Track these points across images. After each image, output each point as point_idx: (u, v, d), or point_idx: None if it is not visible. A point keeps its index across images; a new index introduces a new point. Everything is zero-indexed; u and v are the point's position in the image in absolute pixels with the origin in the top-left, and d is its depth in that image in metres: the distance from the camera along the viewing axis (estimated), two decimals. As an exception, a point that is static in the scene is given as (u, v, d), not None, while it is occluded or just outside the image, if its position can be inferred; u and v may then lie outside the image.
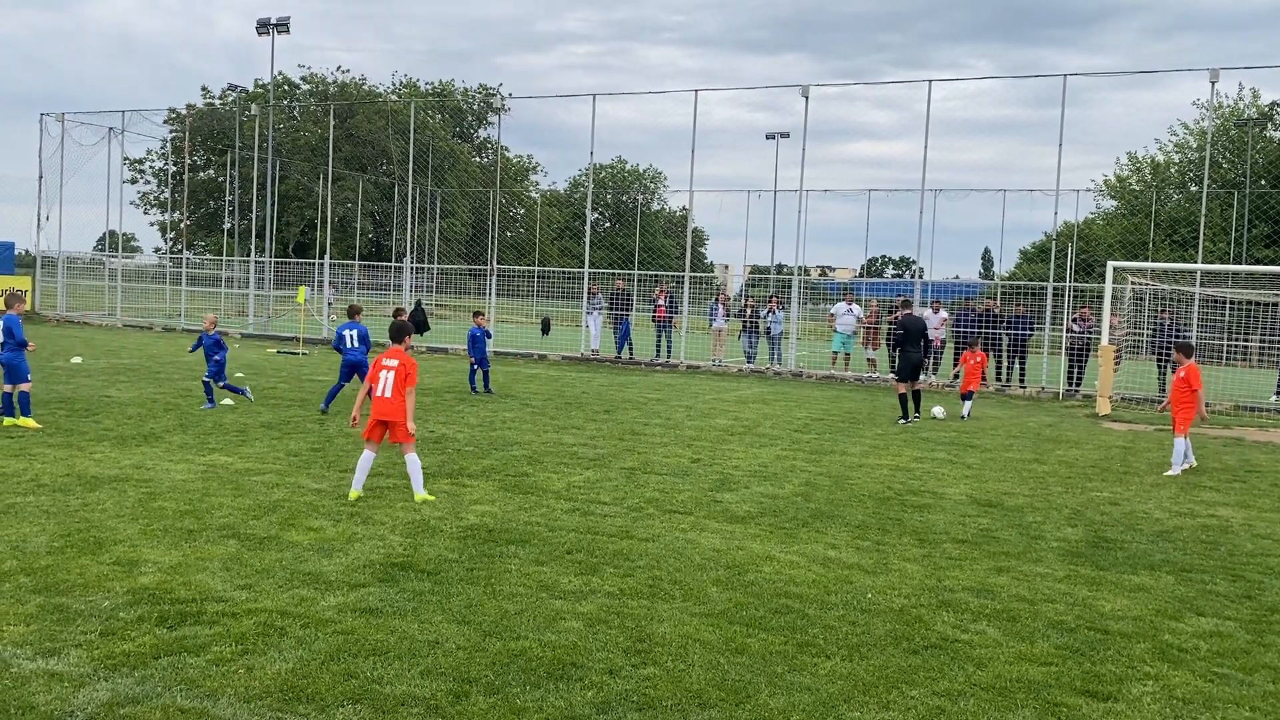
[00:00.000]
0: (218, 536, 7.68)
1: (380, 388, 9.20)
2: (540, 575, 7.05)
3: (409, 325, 9.90)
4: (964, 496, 10.59)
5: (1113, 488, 11.49)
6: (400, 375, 9.18)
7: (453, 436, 13.05)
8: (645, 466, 11.50)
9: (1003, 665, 5.75)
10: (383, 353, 9.55)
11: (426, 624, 5.97)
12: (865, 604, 6.74)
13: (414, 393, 9.41)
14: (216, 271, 42.79)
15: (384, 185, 60.65)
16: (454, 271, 42.59)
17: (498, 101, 48.87)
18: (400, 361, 9.25)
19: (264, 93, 58.62)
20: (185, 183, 51.17)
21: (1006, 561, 8.02)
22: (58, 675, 5.04)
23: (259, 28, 40.74)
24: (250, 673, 5.16)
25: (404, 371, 9.20)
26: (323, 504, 8.90)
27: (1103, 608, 6.91)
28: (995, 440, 15.07)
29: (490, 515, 8.76)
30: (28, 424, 12.29)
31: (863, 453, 13.25)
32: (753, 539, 8.37)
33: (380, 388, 9.20)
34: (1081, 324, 22.92)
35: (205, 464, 10.47)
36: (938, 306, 25.04)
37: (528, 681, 5.21)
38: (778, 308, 26.74)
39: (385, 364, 9.29)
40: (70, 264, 37.52)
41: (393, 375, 9.18)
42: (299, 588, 6.54)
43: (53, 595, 6.18)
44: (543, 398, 18.12)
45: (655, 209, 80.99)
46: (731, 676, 5.40)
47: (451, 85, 75.69)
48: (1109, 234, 48.95)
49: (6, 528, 7.65)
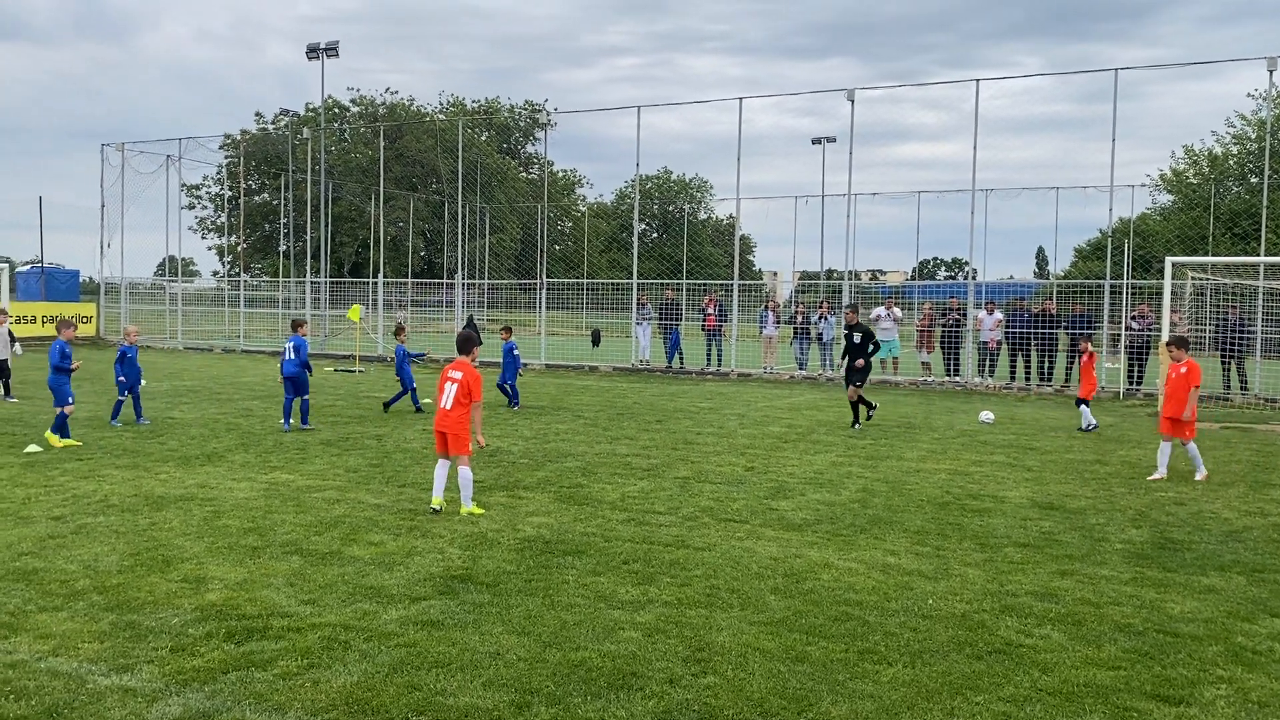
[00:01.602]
0: (281, 553, 7.82)
1: (443, 399, 9.30)
2: (598, 586, 7.08)
3: (475, 336, 9.83)
4: (1024, 499, 10.43)
5: (1178, 488, 11.24)
6: (463, 388, 9.23)
7: (507, 449, 13.15)
8: (699, 475, 11.49)
9: (1069, 670, 5.65)
10: (449, 364, 9.58)
11: (487, 635, 6.02)
12: (926, 610, 6.67)
13: (479, 407, 9.45)
14: (273, 293, 43.58)
15: (434, 203, 61.37)
16: (504, 286, 42.94)
17: (544, 117, 49.32)
18: (465, 374, 9.28)
19: (315, 116, 59.69)
20: (241, 207, 52.25)
21: (1070, 565, 7.88)
22: (131, 691, 5.16)
23: (309, 53, 41.51)
24: (316, 686, 5.24)
25: (467, 385, 9.23)
26: (382, 519, 9.02)
27: (1171, 610, 6.77)
28: (1055, 442, 14.83)
29: (547, 527, 8.81)
30: (63, 442, 12.74)
31: (919, 457, 13.11)
32: (810, 546, 8.32)
33: (443, 399, 9.30)
34: (1141, 321, 22.48)
35: (267, 482, 10.66)
36: (992, 308, 24.73)
37: (589, 692, 5.23)
38: (829, 313, 26.59)
39: (450, 375, 9.35)
40: (132, 289, 38.46)
41: (456, 388, 9.25)
42: (361, 602, 6.63)
43: (124, 613, 6.33)
44: (595, 409, 18.19)
45: (702, 218, 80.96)
46: (793, 685, 5.37)
47: (498, 103, 76.41)
48: (1167, 229, 47.92)
49: (79, 547, 7.85)
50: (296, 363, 14.97)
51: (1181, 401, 11.65)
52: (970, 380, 24.07)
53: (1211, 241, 42.69)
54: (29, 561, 7.43)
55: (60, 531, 8.34)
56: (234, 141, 52.65)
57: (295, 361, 14.97)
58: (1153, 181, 50.77)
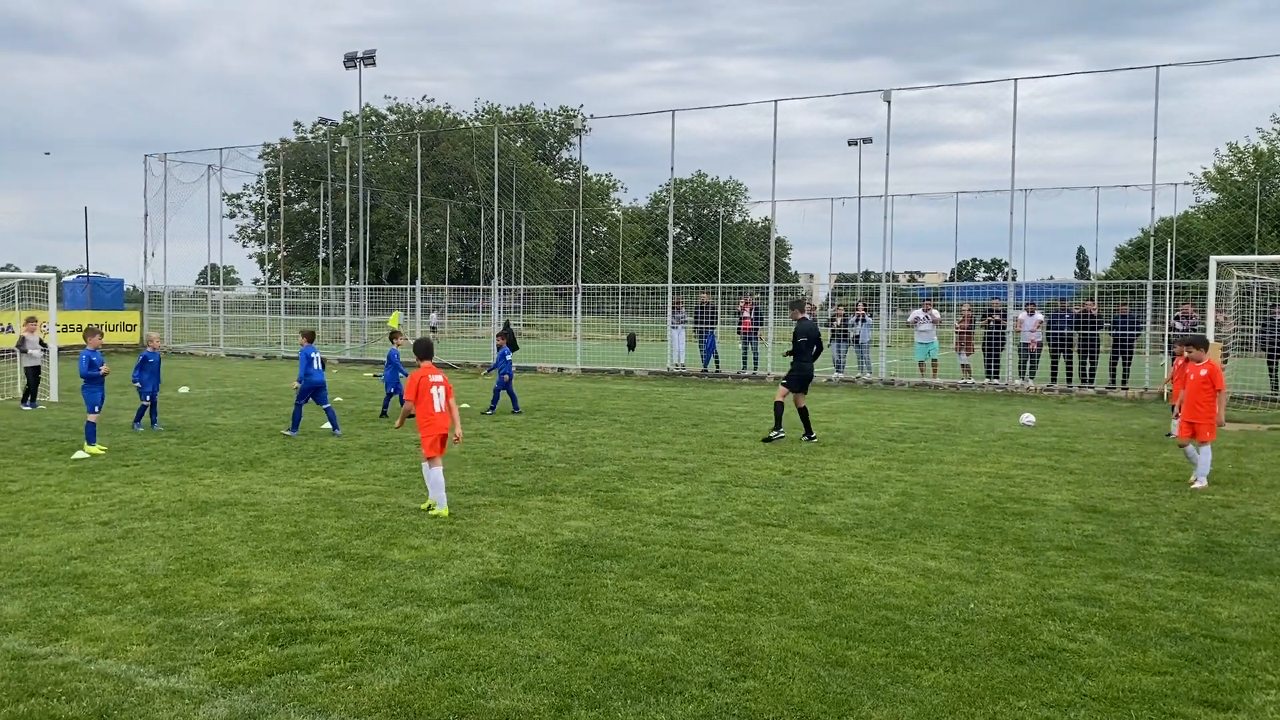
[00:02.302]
0: (323, 557, 7.91)
1: (435, 403, 9.50)
2: (636, 589, 7.09)
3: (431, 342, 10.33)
4: (1067, 503, 10.31)
5: (1225, 490, 11.06)
6: (448, 390, 9.58)
7: (545, 454, 13.21)
8: (736, 479, 11.47)
9: (1114, 675, 5.58)
10: (423, 369, 9.67)
11: (527, 639, 6.06)
12: (968, 614, 6.61)
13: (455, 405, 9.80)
14: (313, 300, 44.13)
15: (470, 210, 61.79)
16: (540, 291, 43.13)
17: (578, 122, 49.49)
18: (443, 376, 9.64)
19: (353, 125, 60.29)
20: (281, 215, 52.88)
21: (1114, 568, 7.78)
22: (179, 693, 5.25)
23: (346, 62, 41.93)
24: (359, 689, 5.30)
25: (448, 386, 9.60)
26: (422, 523, 9.09)
27: (1219, 614, 6.66)
28: (1098, 444, 14.64)
29: (584, 530, 8.84)
30: (87, 449, 13.05)
31: (960, 461, 13.00)
32: (849, 551, 8.28)
33: (435, 403, 9.50)
34: (1185, 322, 22.13)
35: (309, 487, 10.79)
36: (1032, 309, 24.46)
37: (628, 695, 5.24)
38: (866, 315, 26.44)
39: (433, 380, 9.56)
40: (175, 297, 39.07)
41: (444, 390, 9.55)
42: (402, 605, 6.69)
43: (171, 616, 6.44)
44: (631, 413, 18.21)
45: (737, 221, 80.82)
46: (833, 689, 5.35)
47: (532, 109, 76.84)
48: (1211, 228, 47.15)
49: (127, 552, 8.00)
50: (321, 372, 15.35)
51: (1203, 404, 11.21)
52: (1011, 382, 23.82)
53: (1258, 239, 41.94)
54: (78, 565, 7.58)
55: (108, 536, 8.50)
56: (273, 151, 53.37)
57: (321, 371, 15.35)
58: (1196, 179, 50.01)
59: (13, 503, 9.89)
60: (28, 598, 6.80)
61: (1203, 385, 11.29)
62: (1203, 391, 11.27)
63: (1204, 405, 11.25)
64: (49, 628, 6.21)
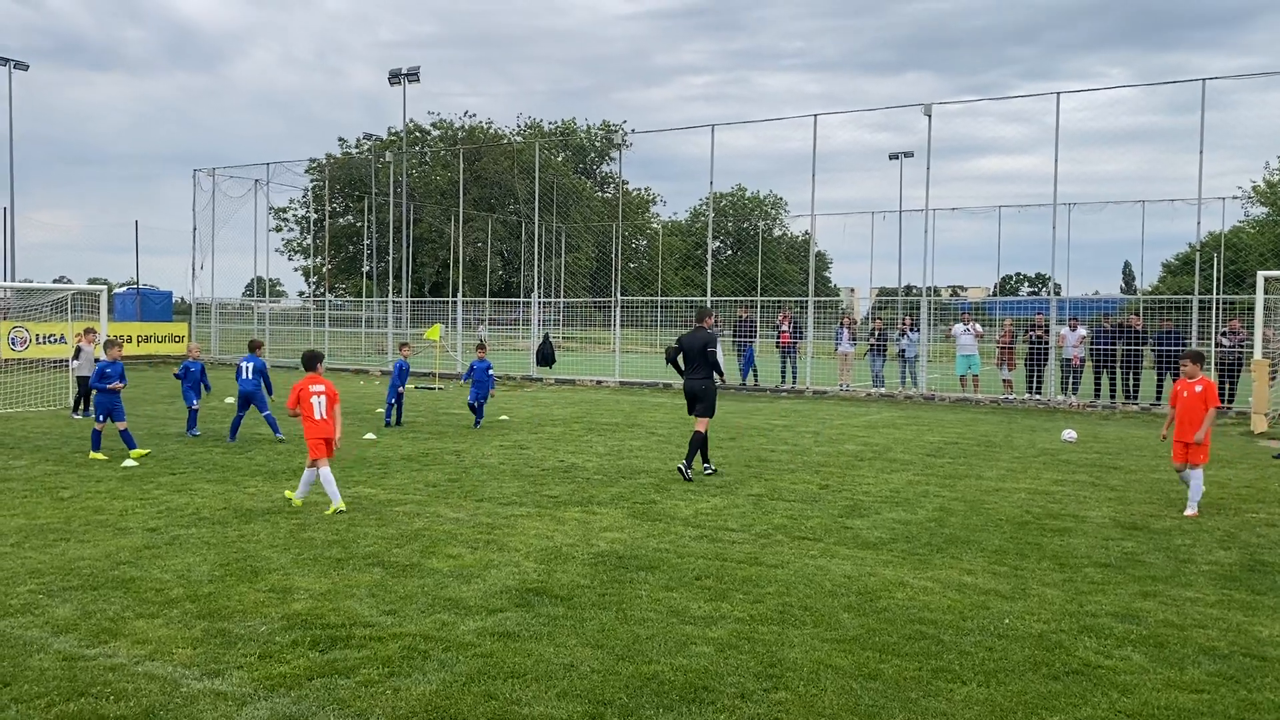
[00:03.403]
0: (364, 564, 8.04)
1: (316, 411, 10.20)
2: (670, 601, 7.15)
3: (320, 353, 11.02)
4: (1106, 519, 10.21)
5: (1270, 509, 10.89)
6: (330, 398, 10.31)
7: (581, 465, 13.30)
8: (773, 493, 11.48)
9: (1150, 692, 5.54)
10: (306, 379, 10.38)
11: (562, 647, 6.13)
12: (1002, 630, 6.59)
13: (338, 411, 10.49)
14: (356, 313, 44.67)
15: (511, 224, 62.28)
16: (580, 304, 43.35)
17: (619, 137, 49.77)
18: (326, 386, 10.36)
19: (397, 140, 61.05)
20: (326, 229, 53.64)
21: (1153, 586, 7.71)
22: (222, 695, 5.38)
23: (391, 78, 42.53)
24: (397, 694, 5.41)
25: (332, 394, 10.34)
26: (460, 532, 9.21)
27: (1259, 633, 6.58)
28: (1140, 461, 14.46)
29: (620, 542, 8.91)
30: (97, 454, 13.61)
31: (999, 476, 12.91)
32: (885, 565, 8.27)
33: (316, 411, 10.20)
34: (1232, 337, 21.80)
35: (350, 495, 10.95)
36: (1075, 324, 24.20)
37: (660, 704, 5.29)
38: (911, 329, 26.31)
39: (313, 389, 10.27)
40: (222, 309, 39.77)
41: (325, 399, 10.27)
42: (440, 613, 6.80)
43: (216, 620, 6.60)
44: (668, 425, 18.26)
45: (777, 234, 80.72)
46: (864, 702, 5.37)
47: (573, 124, 77.37)
48: (1260, 242, 46.39)
49: (173, 558, 8.19)
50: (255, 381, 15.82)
51: (1197, 424, 10.48)
52: (1053, 398, 23.57)
53: (1308, 254, 41.14)
54: (126, 570, 7.78)
55: (155, 542, 8.71)
56: (319, 165, 54.14)
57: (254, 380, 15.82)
58: (1244, 193, 49.25)
59: (64, 509, 10.16)
60: (78, 601, 7.00)
61: (1197, 403, 10.58)
62: (1197, 410, 10.53)
63: (1199, 425, 10.49)
64: (98, 630, 6.39)
